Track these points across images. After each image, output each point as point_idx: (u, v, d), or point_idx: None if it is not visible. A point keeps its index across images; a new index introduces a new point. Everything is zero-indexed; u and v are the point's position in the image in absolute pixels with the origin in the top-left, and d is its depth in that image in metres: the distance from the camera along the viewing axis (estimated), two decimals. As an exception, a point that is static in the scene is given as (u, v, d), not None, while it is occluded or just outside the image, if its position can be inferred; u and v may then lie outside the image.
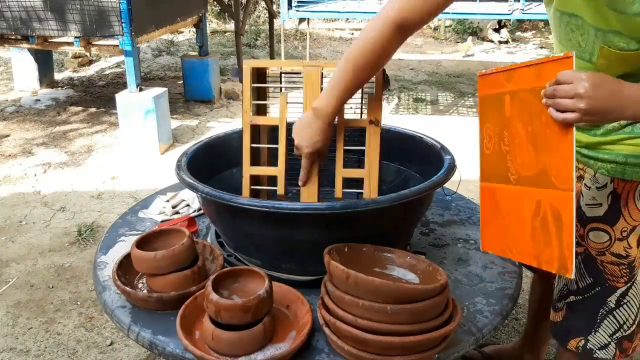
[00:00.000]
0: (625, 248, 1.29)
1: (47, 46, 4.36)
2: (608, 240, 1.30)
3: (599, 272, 1.34)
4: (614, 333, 1.37)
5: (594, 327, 1.37)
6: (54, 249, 2.88)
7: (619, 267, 1.32)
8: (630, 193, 1.25)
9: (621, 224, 1.28)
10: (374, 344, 1.06)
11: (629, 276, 1.32)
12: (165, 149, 4.27)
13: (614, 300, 1.34)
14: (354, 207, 1.22)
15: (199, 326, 1.18)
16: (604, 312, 1.36)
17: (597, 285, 1.35)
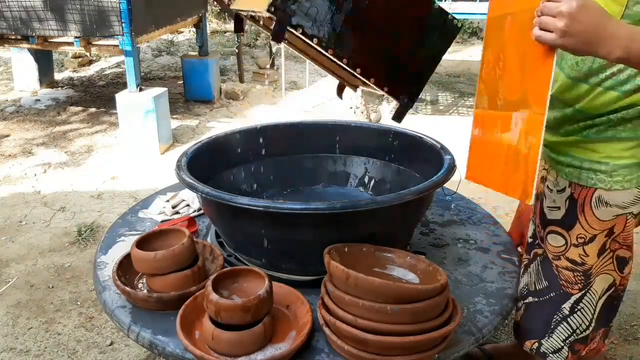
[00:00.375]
0: (581, 255, 1.28)
1: (47, 46, 4.36)
2: (564, 244, 1.30)
3: (554, 277, 1.34)
4: (567, 338, 1.37)
5: (548, 332, 1.38)
6: (54, 249, 2.88)
7: (574, 273, 1.31)
8: (586, 200, 1.24)
9: (577, 229, 1.27)
10: (374, 344, 1.06)
11: (583, 283, 1.31)
12: (165, 149, 4.27)
13: (568, 307, 1.34)
14: (354, 207, 1.22)
15: (199, 326, 1.18)
16: (558, 319, 1.36)
17: (552, 289, 1.35)
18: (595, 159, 1.21)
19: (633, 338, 2.26)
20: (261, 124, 1.77)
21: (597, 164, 1.21)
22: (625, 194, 1.20)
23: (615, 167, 1.19)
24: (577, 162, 1.24)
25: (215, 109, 5.28)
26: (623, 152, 1.18)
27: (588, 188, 1.23)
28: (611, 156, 1.19)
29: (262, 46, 8.00)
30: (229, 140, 1.69)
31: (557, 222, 1.31)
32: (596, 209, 1.23)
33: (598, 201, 1.22)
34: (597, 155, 1.20)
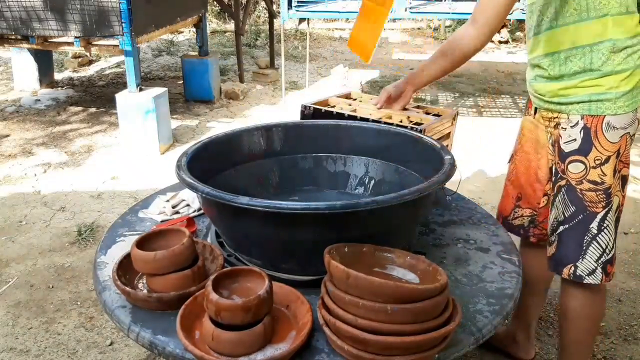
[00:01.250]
0: (600, 175, 1.52)
1: (47, 46, 4.36)
2: (584, 169, 1.53)
3: (579, 200, 1.55)
4: (599, 258, 1.56)
5: (581, 254, 1.57)
6: (54, 249, 2.88)
7: (596, 192, 1.53)
8: (598, 126, 1.50)
9: (594, 153, 1.51)
10: (374, 344, 1.06)
11: (606, 201, 1.53)
12: (165, 149, 4.27)
13: (596, 226, 1.55)
14: (354, 207, 1.21)
15: (199, 326, 1.18)
16: (589, 239, 1.55)
17: (579, 212, 1.56)
18: (601, 92, 1.47)
19: (633, 338, 2.26)
20: (261, 124, 1.77)
21: (604, 95, 1.47)
22: (626, 117, 1.49)
23: (618, 94, 1.47)
24: (586, 98, 1.49)
25: (215, 109, 5.29)
26: (621, 82, 1.47)
27: (598, 116, 1.49)
28: (613, 86, 1.47)
29: (262, 46, 8.00)
30: (229, 140, 1.69)
31: (575, 152, 1.54)
32: (607, 133, 1.50)
33: (607, 126, 1.49)
34: (602, 88, 1.47)
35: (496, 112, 5.28)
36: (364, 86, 5.96)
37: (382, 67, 6.95)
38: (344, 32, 9.26)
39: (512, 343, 2.04)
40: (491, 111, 5.29)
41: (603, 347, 2.19)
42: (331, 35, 9.14)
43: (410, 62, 7.20)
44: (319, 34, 9.07)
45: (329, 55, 7.70)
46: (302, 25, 8.41)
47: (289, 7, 4.83)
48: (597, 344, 2.19)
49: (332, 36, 9.06)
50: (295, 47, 8.01)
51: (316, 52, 7.82)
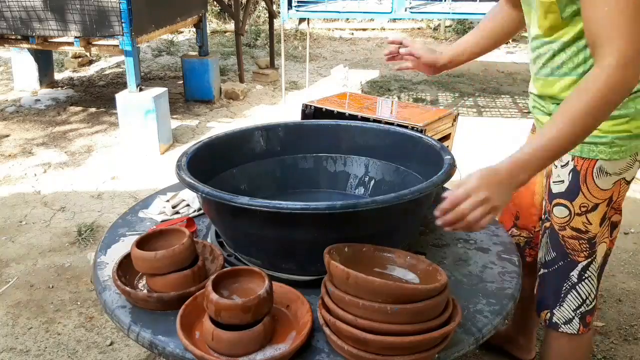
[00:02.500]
0: (585, 223, 1.40)
1: (47, 46, 4.36)
2: (568, 215, 1.42)
3: (561, 246, 1.45)
4: (577, 308, 1.47)
5: (559, 301, 1.48)
6: (54, 249, 2.88)
7: (579, 241, 1.42)
8: (588, 170, 1.36)
9: (580, 199, 1.39)
10: (374, 344, 1.06)
11: (589, 251, 1.43)
12: (165, 149, 4.27)
13: (576, 275, 1.45)
14: (354, 207, 1.21)
15: (199, 326, 1.18)
16: (567, 287, 1.46)
17: (559, 259, 1.46)
18: (595, 134, 1.30)
19: (633, 338, 2.26)
20: (261, 124, 1.77)
21: (598, 138, 1.33)
22: (622, 162, 1.35)
23: (614, 139, 1.32)
24: None
25: (215, 109, 5.29)
26: (619, 127, 1.32)
27: (590, 160, 1.36)
28: (610, 131, 1.32)
29: (262, 46, 8.00)
30: (229, 140, 1.69)
31: (561, 195, 1.42)
32: (597, 178, 1.36)
33: (599, 171, 1.36)
34: (598, 131, 1.31)
35: (496, 112, 5.28)
36: (364, 86, 5.96)
37: (382, 67, 6.95)
38: (344, 32, 9.27)
39: (513, 343, 2.04)
40: (491, 111, 5.29)
41: (603, 347, 2.19)
42: (331, 35, 9.14)
43: (410, 62, 7.19)
44: (319, 34, 9.07)
45: (329, 55, 7.70)
46: (302, 25, 8.41)
47: (289, 7, 4.83)
48: (597, 344, 2.19)
49: (332, 36, 9.06)
50: (295, 47, 8.01)
51: (316, 52, 7.81)
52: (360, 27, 9.45)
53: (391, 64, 1.70)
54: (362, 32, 9.27)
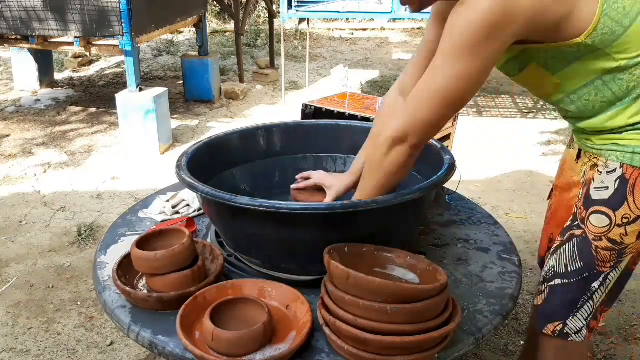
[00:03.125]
0: (622, 235, 1.30)
1: (47, 46, 4.36)
2: (608, 225, 1.31)
3: (591, 257, 1.35)
4: (588, 316, 1.40)
5: (574, 312, 1.40)
6: (54, 249, 2.88)
7: (611, 252, 1.33)
8: (638, 180, 1.26)
9: (624, 209, 1.29)
10: (374, 344, 1.06)
11: (616, 260, 1.34)
12: (165, 149, 4.27)
13: (597, 285, 1.37)
14: (354, 207, 1.22)
15: (199, 326, 1.18)
16: (586, 297, 1.38)
17: (585, 270, 1.36)
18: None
19: (633, 338, 2.26)
20: (261, 124, 1.77)
21: None
22: None
23: None
24: (629, 149, 1.27)
25: (215, 109, 5.29)
26: None
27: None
28: None
29: (262, 46, 8.00)
30: (229, 140, 1.69)
31: (602, 202, 1.32)
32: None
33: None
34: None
35: (496, 112, 5.28)
36: (364, 86, 5.96)
37: (382, 67, 6.95)
38: (344, 32, 9.27)
39: None
40: (491, 111, 5.29)
41: (603, 347, 2.19)
42: (331, 35, 9.14)
43: (410, 62, 7.19)
44: (319, 34, 9.07)
45: (329, 55, 7.70)
46: (302, 25, 8.41)
47: (289, 7, 4.83)
48: (597, 344, 2.19)
49: (332, 36, 9.06)
50: (295, 47, 8.01)
51: (316, 52, 7.81)
52: (360, 27, 9.45)
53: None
54: (362, 32, 9.27)
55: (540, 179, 3.75)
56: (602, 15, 1.13)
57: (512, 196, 3.50)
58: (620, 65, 1.19)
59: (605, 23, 1.14)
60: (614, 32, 1.14)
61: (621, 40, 1.16)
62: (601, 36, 1.15)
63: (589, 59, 1.20)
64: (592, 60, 1.20)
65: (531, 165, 3.98)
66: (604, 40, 1.15)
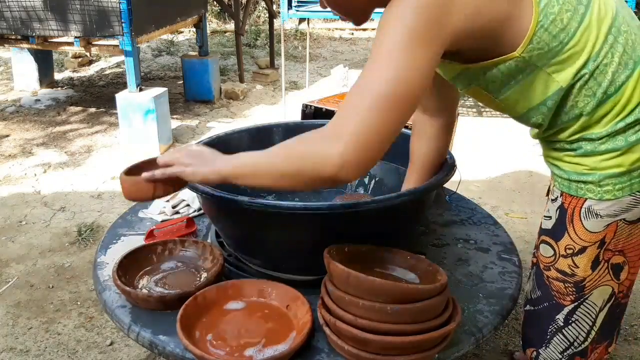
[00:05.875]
0: (571, 266, 1.25)
1: (47, 46, 4.36)
2: (553, 255, 1.27)
3: (545, 287, 1.31)
4: (564, 350, 1.33)
5: (545, 342, 1.35)
6: (54, 249, 2.88)
7: (564, 284, 1.27)
8: (575, 210, 1.20)
9: (565, 240, 1.24)
10: (374, 344, 1.06)
11: (576, 295, 1.27)
12: (165, 149, 4.27)
13: (562, 319, 1.30)
14: (354, 207, 1.22)
15: (199, 326, 1.18)
16: (553, 329, 1.33)
17: (545, 299, 1.32)
18: (580, 171, 1.18)
19: (633, 338, 2.26)
20: (261, 124, 1.77)
21: (585, 176, 1.17)
22: (617, 203, 1.17)
23: (602, 176, 1.15)
24: (565, 175, 1.21)
25: (215, 109, 5.29)
26: (607, 162, 1.15)
27: (578, 198, 1.19)
28: (596, 168, 1.16)
29: (262, 46, 8.00)
30: (229, 140, 1.69)
31: (547, 232, 1.28)
32: (586, 220, 1.20)
33: (588, 212, 1.19)
34: (582, 168, 1.18)
35: (496, 112, 5.28)
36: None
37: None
38: (344, 32, 9.27)
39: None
40: (491, 111, 5.29)
41: (603, 347, 2.19)
42: (331, 35, 9.14)
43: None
44: (319, 34, 9.07)
45: (329, 55, 7.70)
46: (302, 25, 8.41)
47: (289, 7, 4.82)
48: (597, 344, 2.19)
49: (332, 36, 9.06)
50: (295, 47, 8.01)
51: (316, 52, 7.82)
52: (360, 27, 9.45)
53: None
54: (362, 32, 9.27)
55: (540, 179, 3.75)
56: (537, 26, 1.05)
57: (512, 196, 3.50)
58: (561, 87, 1.11)
59: (541, 36, 1.05)
60: (550, 48, 1.06)
61: (558, 57, 1.08)
62: (537, 51, 1.07)
63: (528, 82, 1.12)
64: (532, 82, 1.12)
65: (531, 165, 3.98)
66: (541, 56, 1.07)
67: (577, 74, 1.09)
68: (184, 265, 1.43)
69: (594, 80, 1.10)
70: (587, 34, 1.08)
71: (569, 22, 1.06)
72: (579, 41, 1.07)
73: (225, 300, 1.27)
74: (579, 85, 1.11)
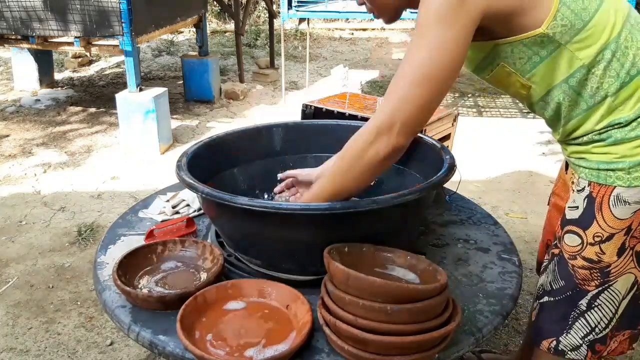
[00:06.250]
0: (598, 253, 1.28)
1: (47, 46, 4.37)
2: (580, 244, 1.30)
3: (570, 276, 1.34)
4: (585, 335, 1.36)
5: (566, 329, 1.37)
6: (54, 249, 2.88)
7: (590, 271, 1.30)
8: (604, 198, 1.25)
9: (594, 228, 1.27)
10: (373, 344, 1.06)
11: (600, 280, 1.30)
12: (165, 149, 4.27)
13: (585, 303, 1.33)
14: (354, 207, 1.21)
15: (199, 326, 1.18)
16: (575, 315, 1.35)
17: (568, 289, 1.35)
18: (610, 160, 1.23)
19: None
20: (261, 124, 1.77)
21: (614, 164, 1.22)
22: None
23: (633, 163, 1.21)
24: (594, 165, 1.26)
25: (215, 109, 5.29)
26: (637, 149, 1.20)
27: (607, 186, 1.24)
28: (626, 155, 1.21)
29: (262, 46, 8.00)
30: (229, 140, 1.69)
31: (574, 222, 1.31)
32: (614, 207, 1.24)
33: (616, 199, 1.23)
34: (612, 157, 1.23)
35: (496, 112, 5.28)
36: (364, 86, 5.96)
37: (382, 67, 6.95)
38: (344, 32, 9.27)
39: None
40: (491, 111, 5.30)
41: (603, 347, 2.19)
42: (331, 35, 9.14)
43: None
44: (319, 34, 9.07)
45: (329, 55, 7.70)
46: (302, 25, 8.41)
47: (289, 7, 4.83)
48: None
49: (332, 36, 9.06)
50: (295, 47, 8.01)
51: (316, 52, 7.82)
52: (360, 27, 9.45)
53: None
54: (362, 32, 9.27)
55: (540, 179, 3.75)
56: (560, 4, 1.14)
57: (512, 196, 3.50)
58: (584, 64, 1.18)
59: (564, 13, 1.14)
60: (573, 24, 1.15)
61: (581, 35, 1.16)
62: (561, 27, 1.15)
63: (553, 59, 1.19)
64: (556, 59, 1.19)
65: (531, 165, 3.98)
66: (564, 32, 1.15)
67: (599, 53, 1.17)
68: (184, 265, 1.43)
69: (617, 62, 1.18)
70: (607, 16, 1.17)
71: (589, 3, 1.16)
72: (599, 21, 1.16)
73: (225, 300, 1.26)
74: (602, 66, 1.18)
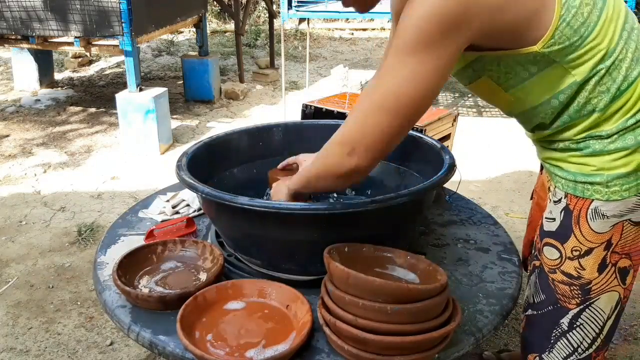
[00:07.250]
0: (577, 268, 1.23)
1: (47, 46, 4.36)
2: (559, 257, 1.25)
3: (550, 290, 1.29)
4: (568, 356, 1.31)
5: (548, 347, 1.33)
6: (54, 249, 2.88)
7: (570, 287, 1.25)
8: (582, 211, 1.19)
9: (572, 242, 1.22)
10: (373, 344, 1.06)
11: (581, 298, 1.25)
12: (165, 149, 4.27)
13: (567, 323, 1.28)
14: (354, 207, 1.22)
15: (199, 326, 1.18)
16: (557, 334, 1.30)
17: (549, 303, 1.30)
18: (587, 172, 1.17)
19: (633, 338, 2.26)
20: (261, 124, 1.77)
21: (592, 177, 1.16)
22: (624, 203, 1.16)
23: (611, 177, 1.15)
24: (570, 176, 1.19)
25: (215, 109, 5.29)
26: (615, 162, 1.14)
27: (584, 199, 1.18)
28: (604, 168, 1.15)
29: (262, 46, 8.00)
30: (229, 140, 1.69)
31: (552, 234, 1.26)
32: (592, 221, 1.18)
33: (594, 213, 1.18)
34: (589, 169, 1.16)
35: (496, 112, 5.28)
36: (364, 86, 5.96)
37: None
38: (344, 32, 9.27)
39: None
40: (491, 111, 5.29)
41: (603, 347, 2.19)
42: (331, 35, 9.14)
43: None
44: (319, 34, 9.07)
45: (329, 55, 7.70)
46: (302, 25, 8.41)
47: (289, 7, 4.82)
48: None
49: (332, 36, 9.06)
50: (295, 47, 8.01)
51: (316, 52, 7.82)
52: (360, 27, 9.45)
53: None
54: (362, 32, 9.27)
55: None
56: (560, 20, 1.04)
57: (512, 196, 3.50)
58: (576, 81, 1.11)
59: (562, 31, 1.05)
60: (571, 43, 1.06)
61: (578, 52, 1.08)
62: (558, 46, 1.06)
63: (544, 75, 1.12)
64: (547, 76, 1.12)
65: (531, 165, 3.98)
66: (560, 50, 1.07)
67: (594, 68, 1.09)
68: (184, 265, 1.43)
69: (608, 76, 1.10)
70: (606, 27, 1.09)
71: (589, 15, 1.07)
72: (598, 35, 1.08)
73: (225, 300, 1.27)
74: (594, 82, 1.11)
